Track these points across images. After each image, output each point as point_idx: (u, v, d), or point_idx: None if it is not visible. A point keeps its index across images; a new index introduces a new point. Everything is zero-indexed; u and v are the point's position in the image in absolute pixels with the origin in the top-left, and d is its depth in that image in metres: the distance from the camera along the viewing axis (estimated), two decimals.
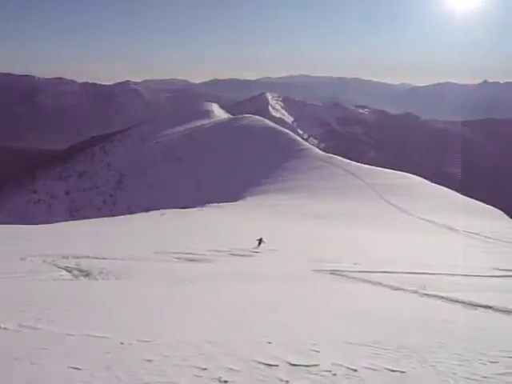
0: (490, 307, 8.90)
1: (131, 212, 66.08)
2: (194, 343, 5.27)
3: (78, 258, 14.24)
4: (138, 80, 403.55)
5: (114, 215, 57.57)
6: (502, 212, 49.15)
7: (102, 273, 11.53)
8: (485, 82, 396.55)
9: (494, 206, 51.92)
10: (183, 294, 9.14)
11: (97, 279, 10.91)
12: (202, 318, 6.71)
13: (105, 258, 14.53)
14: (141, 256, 15.89)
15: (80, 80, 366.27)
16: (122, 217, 47.66)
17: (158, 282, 10.68)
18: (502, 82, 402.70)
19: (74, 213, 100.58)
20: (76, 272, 11.64)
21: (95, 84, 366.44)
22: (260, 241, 21.43)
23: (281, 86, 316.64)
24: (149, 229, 30.53)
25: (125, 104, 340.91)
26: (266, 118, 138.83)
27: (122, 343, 5.14)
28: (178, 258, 16.28)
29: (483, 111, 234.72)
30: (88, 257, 14.51)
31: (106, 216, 56.26)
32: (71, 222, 42.86)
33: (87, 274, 11.35)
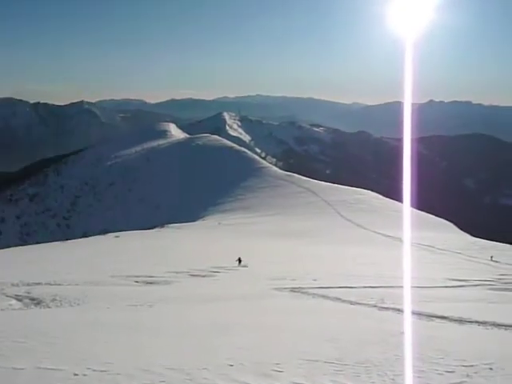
0: (445, 317, 9.17)
1: (87, 235, 63.95)
2: (153, 371, 5.10)
3: (29, 285, 13.58)
4: (93, 100, 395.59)
5: (68, 239, 55.59)
6: (452, 224, 51.24)
7: (55, 300, 11.03)
8: (431, 101, 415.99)
9: (445, 219, 54.09)
10: (141, 319, 8.87)
11: (50, 307, 10.41)
12: (161, 344, 6.53)
13: (58, 284, 13.95)
14: (97, 280, 15.36)
15: (32, 100, 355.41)
16: (77, 240, 46.07)
17: (115, 307, 10.32)
18: (446, 101, 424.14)
19: (26, 237, 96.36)
20: (27, 300, 11.07)
21: (47, 104, 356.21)
22: (239, 260, 22.70)
23: (238, 106, 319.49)
24: (105, 252, 29.63)
25: (79, 125, 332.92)
26: (223, 137, 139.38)
27: (75, 374, 4.90)
28: (136, 282, 15.86)
29: (431, 129, 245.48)
30: (40, 283, 13.88)
31: (59, 240, 54.19)
32: (22, 247, 41.00)
33: (39, 302, 10.82)
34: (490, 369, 5.52)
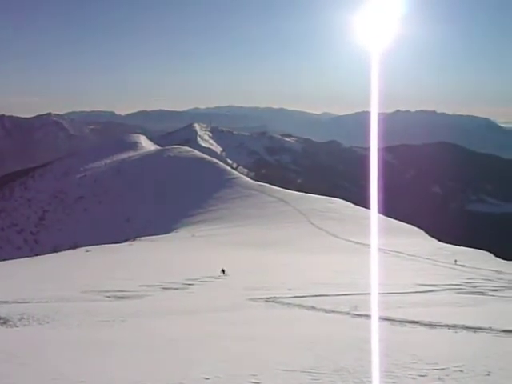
0: (417, 322, 9.36)
1: (56, 250, 62.21)
2: None
3: None
4: (61, 112, 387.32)
5: (36, 255, 53.96)
6: (421, 231, 52.40)
7: (23, 318, 10.67)
8: (397, 110, 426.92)
9: (414, 225, 55.25)
10: (114, 335, 8.70)
11: (17, 326, 10.06)
12: (134, 359, 6.42)
13: (27, 302, 13.51)
14: (67, 297, 14.97)
15: None
16: (46, 256, 44.78)
17: (86, 323, 10.08)
18: (412, 110, 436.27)
19: None
20: None
21: (13, 117, 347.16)
22: (223, 271, 23.32)
23: (209, 117, 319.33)
24: (75, 267, 28.92)
25: (46, 137, 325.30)
26: (194, 148, 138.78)
27: None
28: (107, 297, 15.53)
29: (397, 138, 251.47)
30: (6, 302, 13.40)
31: (27, 256, 52.52)
32: None
33: (5, 322, 10.43)
34: (461, 371, 5.67)
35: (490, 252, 36.64)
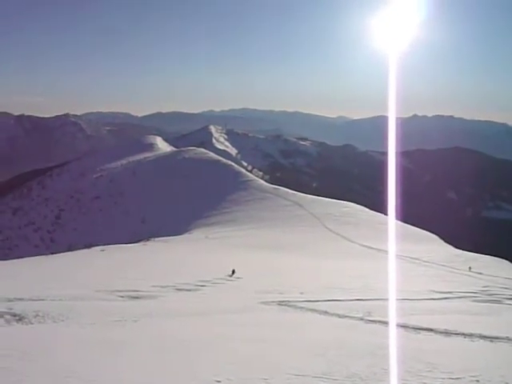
0: (432, 330, 9.21)
1: (71, 249, 62.93)
2: None
3: (10, 300, 13.27)
4: (78, 113, 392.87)
5: (52, 253, 54.61)
6: (437, 237, 51.75)
7: (38, 316, 10.79)
8: (414, 115, 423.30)
9: (430, 231, 54.59)
10: (126, 335, 8.73)
11: (32, 323, 10.17)
12: (146, 360, 6.43)
13: (41, 300, 13.66)
14: (81, 295, 15.10)
15: (16, 113, 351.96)
16: (61, 254, 45.31)
17: (99, 322, 10.15)
18: (429, 115, 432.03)
19: (7, 252, 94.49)
20: (8, 317, 10.80)
21: (32, 117, 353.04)
22: (233, 271, 23.41)
23: (224, 119, 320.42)
24: (89, 266, 29.19)
25: (64, 137, 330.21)
26: (210, 150, 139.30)
27: None
28: (120, 296, 15.62)
29: (414, 143, 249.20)
30: (22, 299, 13.57)
31: (43, 254, 53.24)
32: (3, 262, 40.16)
33: (21, 319, 10.56)
34: (477, 381, 5.55)
35: (508, 260, 35.98)
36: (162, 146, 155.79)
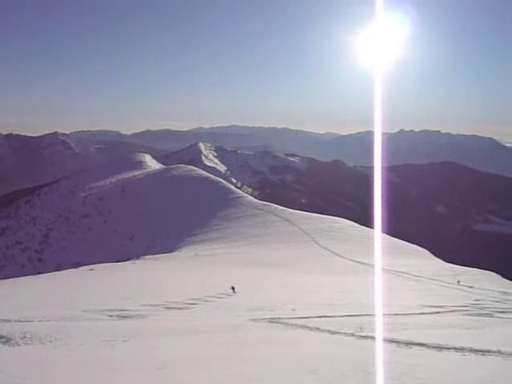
0: (424, 344, 9.20)
1: (59, 269, 62.13)
2: None
3: None
4: (67, 131, 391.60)
5: (40, 273, 53.84)
6: (426, 251, 52.05)
7: (25, 337, 10.57)
8: (401, 130, 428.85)
9: (419, 245, 54.90)
10: (115, 355, 8.59)
11: (19, 345, 9.97)
12: (136, 380, 6.33)
13: (28, 321, 13.41)
14: (69, 315, 14.86)
15: (4, 132, 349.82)
16: (49, 274, 44.69)
17: (88, 342, 9.98)
18: (416, 130, 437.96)
19: None
20: None
21: (20, 136, 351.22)
22: (233, 288, 23.94)
23: (213, 136, 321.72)
24: (78, 286, 28.81)
25: (53, 156, 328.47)
26: (199, 167, 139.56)
27: None
28: (109, 316, 15.40)
29: (401, 158, 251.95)
30: (9, 320, 13.31)
31: (31, 274, 52.45)
32: None
33: (7, 341, 10.34)
34: None
35: (497, 273, 36.25)
36: (151, 164, 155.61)
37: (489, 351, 8.46)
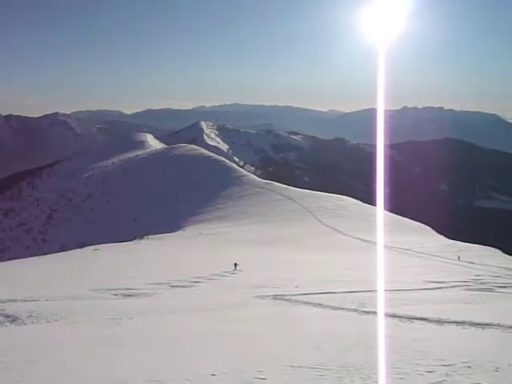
0: (425, 319, 9.32)
1: (64, 249, 62.70)
2: None
3: (3, 302, 13.20)
4: (68, 112, 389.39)
5: (45, 253, 54.38)
6: (429, 227, 52.15)
7: (31, 316, 10.75)
8: (404, 107, 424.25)
9: (421, 222, 54.99)
10: (121, 332, 8.74)
11: (26, 324, 10.14)
12: (141, 356, 6.44)
13: (35, 300, 13.60)
14: (75, 295, 15.06)
15: (4, 113, 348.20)
16: (54, 255, 45.13)
17: (94, 320, 10.14)
18: (419, 107, 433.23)
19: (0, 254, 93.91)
20: (1, 318, 10.74)
21: (20, 117, 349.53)
22: (235, 265, 24.25)
23: (215, 115, 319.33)
24: (83, 265, 29.11)
25: (54, 137, 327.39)
26: (201, 146, 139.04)
27: None
28: (115, 295, 15.61)
29: (404, 135, 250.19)
30: (15, 300, 13.50)
31: (36, 255, 52.96)
32: None
33: (14, 320, 10.51)
34: (469, 367, 5.63)
35: (499, 249, 36.38)
36: (153, 144, 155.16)
37: (488, 324, 8.56)
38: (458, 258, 29.14)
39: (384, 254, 30.46)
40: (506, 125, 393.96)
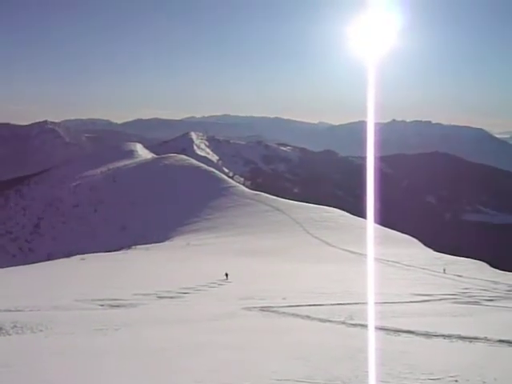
0: (412, 332, 9.33)
1: (51, 258, 61.84)
2: None
3: None
4: (57, 120, 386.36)
5: (31, 263, 53.56)
6: (416, 240, 52.49)
7: (15, 327, 10.55)
8: (393, 120, 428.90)
9: (409, 235, 55.33)
10: (107, 343, 8.62)
11: (10, 334, 9.95)
12: (127, 368, 6.35)
13: (19, 311, 13.39)
14: (61, 305, 14.85)
15: None
16: (40, 264, 44.47)
17: (80, 332, 9.99)
18: (408, 120, 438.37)
19: None
20: None
21: (9, 125, 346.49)
22: (226, 275, 24.83)
23: (205, 126, 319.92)
24: (69, 275, 28.75)
25: (42, 145, 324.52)
26: (191, 157, 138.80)
27: None
28: (101, 305, 15.41)
29: (393, 148, 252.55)
30: None
31: (21, 264, 52.15)
32: None
33: None
34: (456, 381, 5.64)
35: (486, 262, 36.72)
36: (143, 153, 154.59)
37: (476, 338, 8.60)
38: (444, 270, 29.35)
39: (373, 267, 30.57)
40: (493, 139, 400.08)
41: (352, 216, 64.90)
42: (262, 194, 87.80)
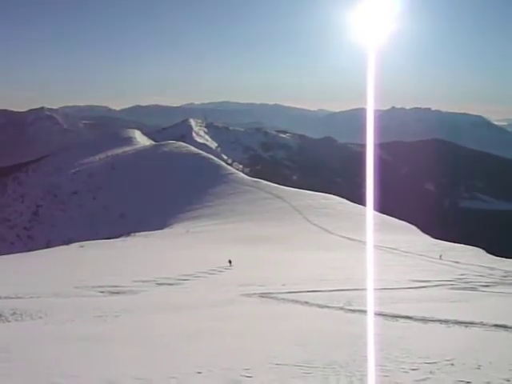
0: (410, 317, 9.42)
1: (50, 246, 61.98)
2: (120, 382, 5.02)
3: None
4: (55, 107, 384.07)
5: (30, 250, 53.71)
6: (415, 227, 52.65)
7: (15, 314, 10.62)
8: (393, 107, 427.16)
9: (408, 222, 55.48)
10: (107, 330, 8.68)
11: (9, 321, 10.02)
12: (128, 354, 6.42)
13: (19, 298, 13.46)
14: (60, 292, 14.93)
15: None
16: (39, 251, 44.58)
17: (80, 319, 10.06)
18: (407, 107, 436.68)
19: None
20: None
21: (6, 111, 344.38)
22: (230, 262, 24.88)
23: (204, 113, 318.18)
24: (69, 263, 28.85)
25: (40, 132, 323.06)
26: (189, 144, 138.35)
27: None
28: (101, 292, 15.51)
29: (392, 135, 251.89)
30: None
31: (20, 252, 52.29)
32: None
33: None
34: (452, 364, 5.72)
35: (483, 248, 36.88)
36: (142, 140, 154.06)
37: (472, 323, 8.69)
38: (440, 256, 29.52)
39: (371, 253, 30.70)
40: (491, 127, 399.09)
41: (351, 203, 64.99)
42: (262, 181, 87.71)
